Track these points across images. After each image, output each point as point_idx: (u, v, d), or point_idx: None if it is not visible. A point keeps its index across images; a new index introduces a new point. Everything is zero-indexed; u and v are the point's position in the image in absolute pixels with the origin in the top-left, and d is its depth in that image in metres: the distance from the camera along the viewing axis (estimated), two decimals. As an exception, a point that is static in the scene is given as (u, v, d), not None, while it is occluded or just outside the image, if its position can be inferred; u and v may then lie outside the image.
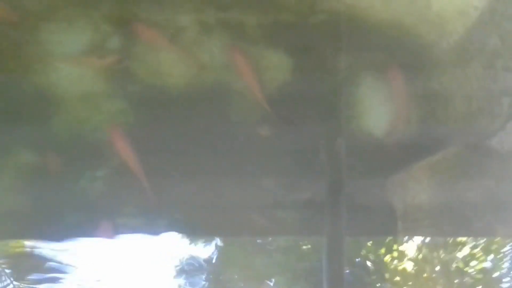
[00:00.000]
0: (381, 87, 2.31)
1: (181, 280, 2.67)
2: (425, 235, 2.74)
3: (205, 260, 2.63)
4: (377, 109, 2.34)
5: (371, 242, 2.80)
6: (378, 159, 2.40)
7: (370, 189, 2.46)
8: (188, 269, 2.67)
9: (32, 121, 2.20)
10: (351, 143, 2.35)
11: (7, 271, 2.49)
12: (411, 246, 2.76)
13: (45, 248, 2.46)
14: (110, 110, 2.19)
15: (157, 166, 2.25)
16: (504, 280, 2.86)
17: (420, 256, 2.77)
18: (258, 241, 2.72)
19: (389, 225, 2.49)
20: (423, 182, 2.48)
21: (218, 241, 2.67)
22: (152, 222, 2.31)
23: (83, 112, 2.18)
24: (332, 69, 2.31)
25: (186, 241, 2.68)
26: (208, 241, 2.70)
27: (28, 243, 2.50)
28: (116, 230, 2.28)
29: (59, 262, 2.43)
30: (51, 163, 2.23)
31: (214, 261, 2.64)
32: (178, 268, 2.71)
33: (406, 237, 2.75)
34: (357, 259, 2.81)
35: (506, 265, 2.83)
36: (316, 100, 2.33)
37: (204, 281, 2.71)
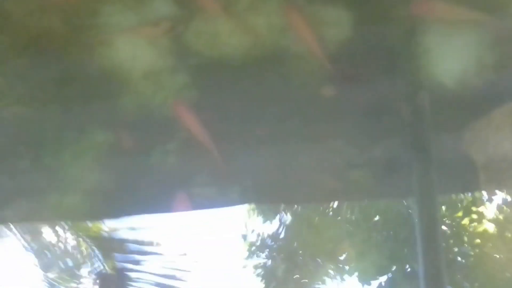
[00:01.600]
0: (450, 33, 2.15)
1: (251, 254, 2.72)
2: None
3: (273, 235, 2.65)
4: (448, 57, 2.19)
5: (444, 206, 2.69)
6: (453, 110, 2.27)
7: (448, 142, 2.34)
8: (257, 244, 2.71)
9: (101, 101, 2.27)
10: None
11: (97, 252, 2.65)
12: (491, 207, 2.62)
13: (125, 228, 2.58)
14: (173, 85, 2.21)
15: (225, 136, 2.27)
16: None
17: (501, 216, 2.62)
18: (329, 213, 2.69)
19: (472, 179, 2.37)
20: (505, 130, 2.32)
21: (285, 215, 2.68)
22: (224, 190, 2.35)
23: (148, 89, 2.21)
24: (396, 18, 2.18)
25: (256, 212, 2.71)
26: (276, 214, 2.71)
27: (108, 223, 2.64)
28: (191, 200, 2.35)
29: (141, 241, 2.55)
30: (124, 141, 2.31)
31: (282, 235, 2.65)
32: (248, 241, 2.76)
33: (486, 194, 2.61)
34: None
35: None
36: (382, 54, 2.22)
37: (274, 254, 2.75)
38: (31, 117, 2.32)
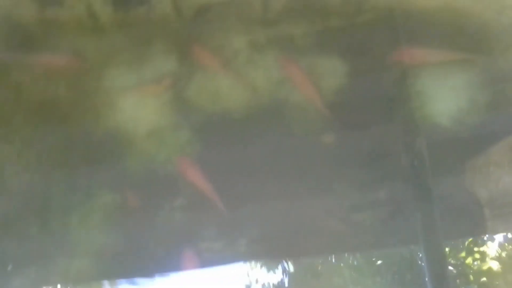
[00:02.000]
0: (443, 74, 2.24)
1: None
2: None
3: (277, 285, 2.63)
4: (442, 97, 2.26)
5: (448, 248, 2.69)
6: (452, 149, 2.31)
7: (450, 183, 2.37)
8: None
9: (107, 163, 2.31)
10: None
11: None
12: (492, 245, 2.63)
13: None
14: (176, 142, 2.26)
15: (229, 189, 2.30)
16: None
17: (504, 254, 2.62)
18: (332, 260, 2.68)
19: (478, 220, 2.38)
20: (505, 166, 2.36)
21: (289, 265, 2.66)
22: (232, 243, 2.35)
23: (152, 147, 2.26)
24: (388, 65, 2.27)
25: (261, 264, 2.69)
26: (279, 264, 2.69)
27: (118, 285, 2.62)
28: (200, 256, 2.34)
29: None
30: (131, 200, 2.33)
31: (286, 285, 2.63)
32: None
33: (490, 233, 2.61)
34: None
35: None
36: (378, 100, 2.30)
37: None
38: (38, 183, 2.35)
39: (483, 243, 2.71)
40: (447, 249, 2.76)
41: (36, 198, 2.35)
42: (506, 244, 2.63)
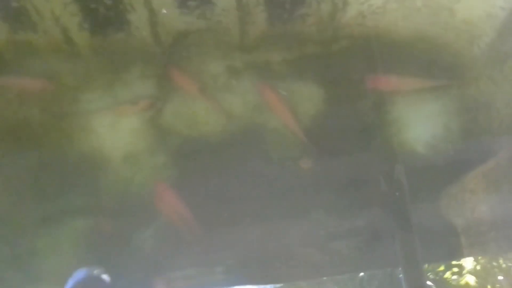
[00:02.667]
0: (418, 102, 2.28)
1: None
2: (494, 249, 2.60)
3: None
4: (418, 124, 2.29)
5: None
6: (428, 176, 2.33)
7: (428, 209, 2.38)
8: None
9: (80, 187, 2.25)
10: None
11: None
12: (469, 259, 2.63)
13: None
14: (152, 166, 2.23)
15: (206, 214, 2.26)
16: None
17: (479, 267, 2.62)
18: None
19: (455, 246, 2.38)
20: (479, 194, 2.38)
21: None
22: (208, 271, 2.29)
23: (127, 171, 2.22)
24: (365, 92, 2.30)
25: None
26: None
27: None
28: (174, 284, 2.27)
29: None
30: (103, 226, 2.26)
31: None
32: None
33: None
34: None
35: None
36: (355, 126, 2.31)
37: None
38: (7, 210, 2.28)
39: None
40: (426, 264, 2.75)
41: (4, 225, 2.27)
42: (481, 258, 2.64)
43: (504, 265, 2.57)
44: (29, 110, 2.27)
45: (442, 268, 2.62)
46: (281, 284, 2.44)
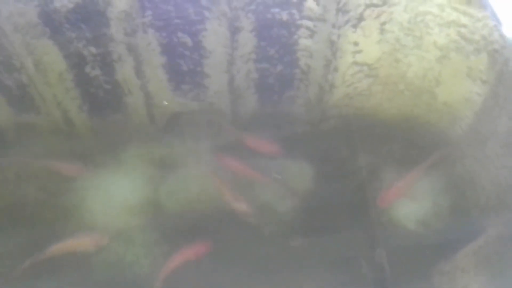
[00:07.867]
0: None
1: None
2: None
3: None
4: (407, 201, 2.33)
5: None
6: (417, 253, 2.33)
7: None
8: None
9: (73, 264, 2.26)
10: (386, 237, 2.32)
11: None
12: None
13: None
14: (144, 243, 2.25)
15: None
16: None
17: None
18: None
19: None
20: (470, 272, 2.37)
21: None
22: None
23: (119, 247, 2.24)
24: (353, 169, 2.36)
25: None
26: None
27: None
28: None
29: None
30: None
31: None
32: None
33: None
34: None
35: None
36: (343, 204, 2.35)
37: None
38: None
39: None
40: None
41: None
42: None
43: None
44: (25, 188, 2.33)
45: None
46: None
